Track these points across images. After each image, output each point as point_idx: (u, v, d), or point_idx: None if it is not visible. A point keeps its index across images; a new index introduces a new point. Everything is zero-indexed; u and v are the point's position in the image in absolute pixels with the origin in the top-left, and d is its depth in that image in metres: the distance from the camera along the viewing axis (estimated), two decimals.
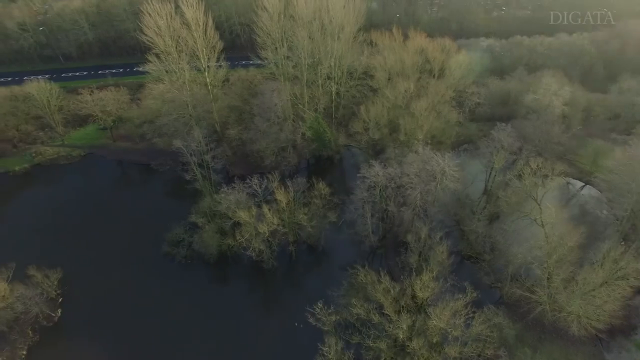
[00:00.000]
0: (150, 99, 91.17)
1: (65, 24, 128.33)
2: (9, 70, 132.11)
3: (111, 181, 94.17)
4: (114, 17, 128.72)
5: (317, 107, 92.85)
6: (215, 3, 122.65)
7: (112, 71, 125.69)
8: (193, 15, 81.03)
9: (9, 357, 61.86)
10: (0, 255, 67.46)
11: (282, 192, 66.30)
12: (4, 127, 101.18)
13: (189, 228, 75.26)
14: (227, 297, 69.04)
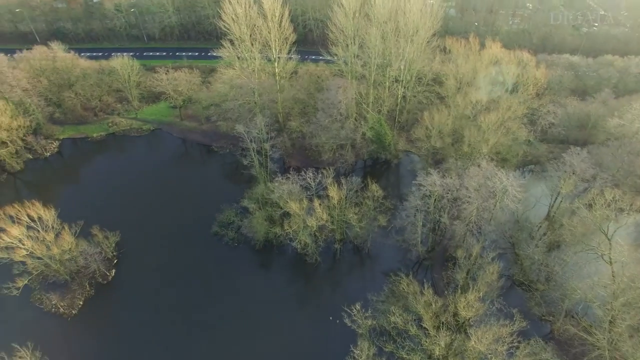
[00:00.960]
0: (219, 83, 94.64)
1: (153, 7, 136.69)
2: (101, 46, 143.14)
3: (174, 157, 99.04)
4: (197, 3, 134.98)
5: (381, 108, 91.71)
6: None
7: (188, 54, 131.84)
8: (270, 6, 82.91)
9: (69, 303, 67.37)
10: (71, 213, 72.85)
11: (335, 189, 66.17)
12: (89, 96, 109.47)
13: (239, 212, 77.50)
14: (266, 283, 70.30)
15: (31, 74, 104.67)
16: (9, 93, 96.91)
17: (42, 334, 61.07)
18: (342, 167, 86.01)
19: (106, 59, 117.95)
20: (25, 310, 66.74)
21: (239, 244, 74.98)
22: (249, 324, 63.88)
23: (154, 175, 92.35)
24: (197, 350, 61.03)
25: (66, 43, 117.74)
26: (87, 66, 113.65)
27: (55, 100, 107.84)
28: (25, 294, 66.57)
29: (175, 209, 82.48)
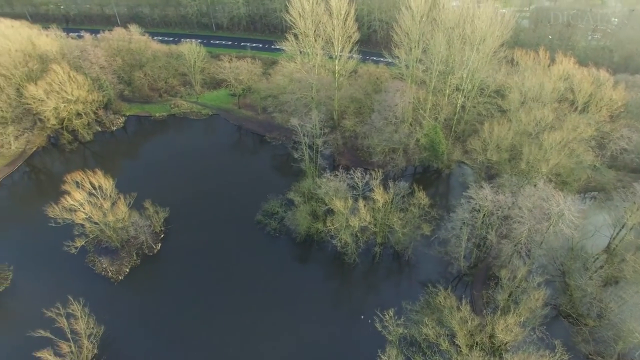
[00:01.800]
0: (279, 75, 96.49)
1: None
2: (173, 32, 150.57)
3: (228, 143, 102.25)
4: None
5: (438, 116, 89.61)
6: None
7: (253, 45, 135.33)
8: (337, 4, 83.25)
9: (117, 269, 71.76)
10: (127, 185, 77.17)
11: (381, 192, 65.54)
12: (157, 78, 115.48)
13: (284, 203, 78.76)
14: (302, 276, 71.08)
15: (109, 53, 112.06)
16: (88, 69, 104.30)
17: (91, 292, 65.40)
18: (391, 171, 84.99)
19: (176, 43, 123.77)
20: (80, 269, 71.86)
21: (280, 234, 76.24)
22: (279, 313, 64.91)
23: (207, 159, 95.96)
24: (225, 329, 62.84)
25: (142, 27, 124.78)
26: (157, 49, 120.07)
27: (127, 79, 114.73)
28: (81, 254, 71.59)
29: (224, 193, 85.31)
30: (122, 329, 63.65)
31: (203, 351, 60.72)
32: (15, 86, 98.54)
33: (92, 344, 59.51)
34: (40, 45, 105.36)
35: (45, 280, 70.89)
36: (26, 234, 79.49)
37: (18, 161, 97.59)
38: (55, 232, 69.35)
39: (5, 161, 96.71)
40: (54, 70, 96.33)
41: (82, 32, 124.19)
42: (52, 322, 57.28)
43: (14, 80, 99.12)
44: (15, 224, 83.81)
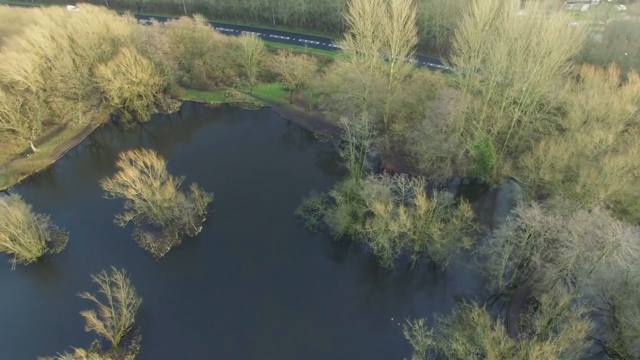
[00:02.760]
0: (333, 73, 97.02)
1: None
2: (234, 23, 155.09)
3: (276, 136, 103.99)
4: None
5: (491, 129, 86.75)
6: (424, 0, 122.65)
7: (310, 42, 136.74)
8: (399, 6, 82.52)
9: (159, 246, 75.20)
10: (177, 167, 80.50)
11: (424, 200, 64.42)
12: (215, 67, 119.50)
13: (325, 201, 79.19)
14: (335, 275, 71.17)
15: (173, 40, 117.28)
16: (153, 54, 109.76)
17: (133, 265, 68.83)
18: (437, 180, 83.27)
19: (236, 35, 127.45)
20: (126, 242, 75.95)
21: (319, 231, 76.78)
22: (308, 308, 65.44)
23: (255, 149, 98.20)
24: (252, 317, 64.14)
25: (207, 17, 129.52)
26: (218, 39, 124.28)
27: (187, 65, 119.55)
28: (128, 228, 75.57)
29: (267, 185, 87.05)
30: (158, 303, 66.64)
31: (228, 335, 62.40)
32: (88, 66, 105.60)
33: (130, 313, 62.78)
34: (113, 29, 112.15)
35: (94, 248, 75.58)
36: (82, 204, 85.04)
37: (83, 135, 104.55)
38: (108, 204, 73.62)
39: (72, 134, 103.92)
40: (122, 53, 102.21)
41: (151, 19, 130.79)
42: (97, 287, 60.90)
43: (88, 60, 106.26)
44: (74, 193, 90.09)
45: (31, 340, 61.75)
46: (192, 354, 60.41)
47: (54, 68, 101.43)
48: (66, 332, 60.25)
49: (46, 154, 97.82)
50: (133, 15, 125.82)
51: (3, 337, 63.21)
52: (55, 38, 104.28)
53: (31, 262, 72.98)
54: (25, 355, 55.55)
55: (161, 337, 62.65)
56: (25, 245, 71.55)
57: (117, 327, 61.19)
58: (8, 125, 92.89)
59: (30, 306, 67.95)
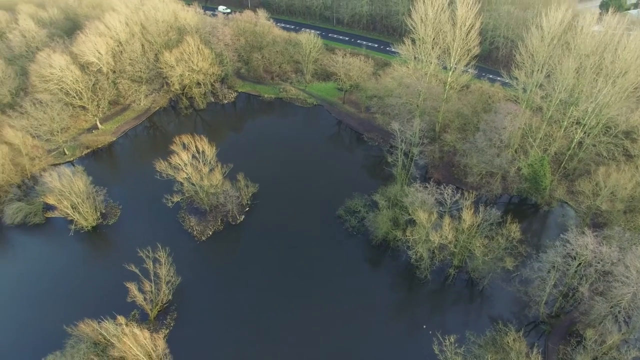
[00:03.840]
0: (389, 77, 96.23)
1: None
2: (295, 20, 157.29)
3: (326, 134, 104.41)
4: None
5: (548, 148, 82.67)
6: (489, 9, 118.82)
7: (369, 44, 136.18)
8: (464, 14, 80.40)
9: (202, 230, 78.06)
10: (226, 155, 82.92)
11: (470, 214, 62.61)
12: (272, 61, 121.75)
13: (368, 204, 78.76)
14: (369, 279, 70.69)
15: (235, 32, 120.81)
16: (215, 45, 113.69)
17: (176, 245, 71.89)
18: (484, 195, 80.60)
19: (296, 32, 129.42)
20: (171, 222, 79.44)
21: (358, 233, 76.59)
22: (338, 308, 65.48)
23: (303, 145, 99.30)
24: (282, 310, 65.13)
25: (269, 12, 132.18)
26: (278, 35, 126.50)
27: (245, 58, 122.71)
28: (175, 209, 79.06)
29: (312, 182, 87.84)
30: (195, 284, 69.24)
31: (255, 324, 63.77)
32: (154, 52, 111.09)
33: (168, 290, 65.67)
34: (181, 18, 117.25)
35: (142, 224, 79.65)
36: (136, 181, 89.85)
37: (143, 116, 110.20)
38: (159, 184, 77.23)
39: (134, 115, 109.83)
40: (187, 42, 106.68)
41: (217, 11, 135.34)
42: (141, 262, 64.16)
43: (155, 47, 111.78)
44: (129, 170, 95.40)
45: (79, 301, 66.22)
46: (220, 337, 62.34)
47: (124, 52, 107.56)
48: (110, 298, 63.91)
49: (109, 132, 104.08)
50: (200, 7, 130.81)
51: (54, 295, 68.22)
52: (128, 24, 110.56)
53: (86, 230, 78.13)
54: (72, 314, 59.44)
55: (194, 317, 65.05)
56: (83, 214, 76.68)
57: (155, 301, 64.19)
58: (80, 102, 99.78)
59: (81, 270, 72.90)
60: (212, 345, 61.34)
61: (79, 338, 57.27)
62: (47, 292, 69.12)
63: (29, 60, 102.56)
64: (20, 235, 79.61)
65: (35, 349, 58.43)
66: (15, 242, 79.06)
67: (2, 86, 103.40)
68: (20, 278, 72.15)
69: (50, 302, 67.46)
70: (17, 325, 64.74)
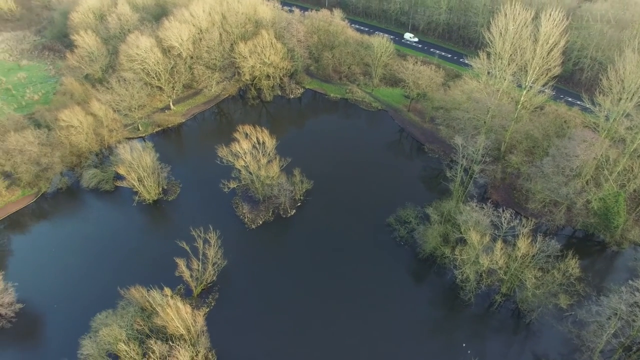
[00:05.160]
0: (458, 90, 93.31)
1: (429, 1, 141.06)
2: (370, 23, 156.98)
3: (386, 140, 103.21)
4: (471, 8, 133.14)
5: (626, 184, 76.17)
6: (578, 27, 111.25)
7: (442, 53, 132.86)
8: (548, 31, 76.01)
9: (253, 218, 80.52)
10: (285, 149, 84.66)
11: (526, 242, 59.31)
12: (342, 61, 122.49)
13: (420, 216, 77.11)
14: (411, 293, 69.15)
15: (309, 29, 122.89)
16: (288, 40, 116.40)
17: (227, 229, 74.65)
18: (545, 224, 75.94)
19: (369, 34, 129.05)
20: (225, 206, 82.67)
21: (405, 244, 75.23)
22: (375, 315, 64.69)
23: (362, 149, 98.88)
24: (318, 309, 65.41)
25: (345, 13, 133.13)
26: (351, 36, 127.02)
27: (316, 56, 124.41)
28: (230, 195, 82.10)
29: (366, 186, 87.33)
30: (239, 269, 71.54)
31: (291, 317, 64.71)
32: (231, 42, 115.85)
33: (213, 271, 68.45)
34: (259, 12, 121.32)
35: (198, 205, 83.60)
36: (197, 163, 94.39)
37: (212, 102, 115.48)
38: (218, 169, 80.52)
39: (204, 100, 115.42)
40: (261, 35, 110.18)
41: (294, 8, 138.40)
42: (192, 240, 67.39)
43: (231, 37, 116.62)
44: (193, 152, 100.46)
45: (132, 267, 71.10)
46: (255, 323, 63.94)
47: (203, 39, 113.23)
48: (160, 270, 67.70)
49: (179, 113, 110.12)
50: (278, 1, 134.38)
51: (112, 258, 73.71)
52: (211, 13, 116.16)
53: (148, 203, 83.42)
54: (125, 278, 63.88)
55: (233, 300, 67.34)
56: (146, 188, 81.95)
57: (200, 280, 67.18)
58: (158, 82, 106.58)
59: (138, 239, 78.08)
60: (246, 329, 63.23)
61: (129, 301, 61.32)
62: (106, 253, 74.84)
63: (121, 41, 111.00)
64: (92, 199, 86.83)
65: (91, 304, 63.40)
66: (87, 205, 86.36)
67: (96, 63, 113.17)
68: (86, 237, 78.65)
69: (107, 263, 73.00)
70: (77, 279, 70.72)
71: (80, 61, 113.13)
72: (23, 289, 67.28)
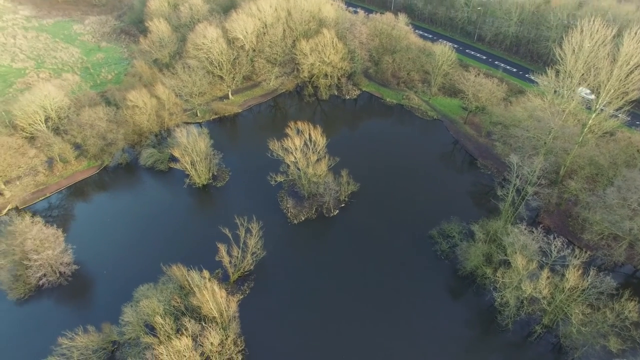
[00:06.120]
0: (520, 107, 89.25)
1: (499, 12, 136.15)
2: (434, 30, 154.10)
3: (438, 151, 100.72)
4: (544, 22, 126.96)
5: None
6: None
7: (506, 67, 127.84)
8: (630, 51, 70.43)
9: (296, 214, 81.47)
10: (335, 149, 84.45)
11: (576, 274, 55.86)
12: (402, 67, 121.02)
13: (464, 232, 74.75)
14: (445, 309, 66.99)
15: (371, 32, 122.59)
16: (350, 41, 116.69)
17: (269, 221, 76.17)
18: (601, 259, 70.93)
19: (432, 42, 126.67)
20: (269, 199, 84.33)
21: (445, 259, 73.23)
22: (406, 328, 63.45)
23: (413, 157, 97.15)
24: (352, 311, 65.01)
25: (410, 18, 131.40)
26: (413, 42, 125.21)
27: (376, 59, 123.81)
28: (276, 188, 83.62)
29: (411, 195, 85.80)
30: (276, 262, 72.70)
31: (322, 318, 64.68)
32: (293, 38, 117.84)
33: (252, 260, 70.09)
34: (324, 11, 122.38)
35: (244, 194, 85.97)
36: (248, 153, 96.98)
37: (268, 96, 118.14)
38: (267, 161, 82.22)
39: (261, 92, 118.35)
40: (323, 34, 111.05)
41: (359, 9, 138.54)
42: (235, 228, 69.37)
43: (294, 34, 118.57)
44: (245, 142, 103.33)
45: (176, 246, 74.39)
46: (285, 317, 64.71)
47: (267, 34, 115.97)
48: (201, 252, 70.30)
49: (236, 103, 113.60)
50: (343, 2, 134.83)
51: (158, 234, 77.61)
52: (277, 9, 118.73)
53: (197, 187, 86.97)
54: (168, 255, 67.04)
55: (267, 291, 68.58)
56: (198, 172, 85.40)
57: (238, 267, 69.01)
58: (220, 72, 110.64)
59: (184, 219, 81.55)
60: (276, 321, 64.19)
61: (169, 278, 64.23)
62: (153, 229, 78.91)
63: (190, 30, 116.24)
64: (146, 177, 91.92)
65: (134, 275, 67.17)
66: (142, 181, 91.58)
67: (165, 48, 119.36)
68: (137, 212, 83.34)
69: (153, 238, 76.96)
70: (125, 250, 75.03)
71: (151, 46, 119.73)
72: (79, 252, 72.48)
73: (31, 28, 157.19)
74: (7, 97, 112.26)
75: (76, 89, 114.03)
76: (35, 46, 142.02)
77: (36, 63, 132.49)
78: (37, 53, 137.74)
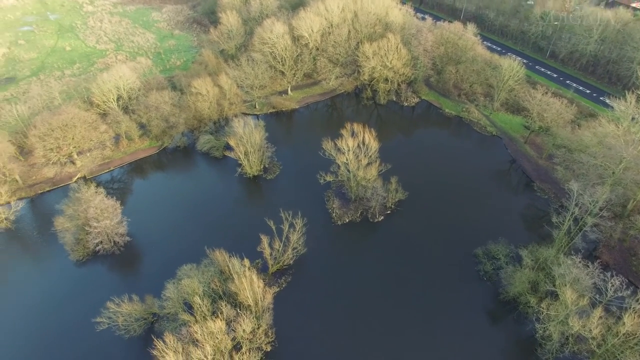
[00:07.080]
0: (589, 132, 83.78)
1: (577, 28, 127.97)
2: (504, 43, 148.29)
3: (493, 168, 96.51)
4: (630, 40, 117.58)
5: None
6: None
7: (579, 87, 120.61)
8: None
9: (340, 215, 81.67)
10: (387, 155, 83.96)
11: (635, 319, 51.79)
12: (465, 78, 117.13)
13: (511, 255, 71.60)
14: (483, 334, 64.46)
15: (437, 40, 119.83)
16: (414, 47, 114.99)
17: (313, 218, 77.05)
18: None
19: (500, 55, 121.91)
20: (315, 197, 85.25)
21: (488, 281, 70.50)
22: (438, 349, 61.72)
23: (466, 171, 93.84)
24: (385, 320, 64.27)
25: (480, 28, 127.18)
26: (480, 53, 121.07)
27: (439, 68, 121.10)
28: (324, 187, 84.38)
29: (460, 211, 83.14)
30: (315, 259, 73.34)
31: (354, 321, 64.47)
32: (357, 40, 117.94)
33: (292, 255, 71.23)
34: (390, 15, 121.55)
35: (292, 189, 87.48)
36: (301, 150, 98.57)
37: (327, 95, 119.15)
38: (318, 160, 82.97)
39: (320, 91, 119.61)
40: (388, 38, 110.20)
41: (427, 16, 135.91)
42: (280, 221, 70.72)
43: (359, 36, 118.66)
44: (299, 138, 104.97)
45: (221, 232, 77.40)
46: (317, 314, 65.19)
47: (332, 34, 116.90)
48: (244, 241, 72.28)
49: (295, 99, 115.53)
50: (412, 7, 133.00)
51: (205, 218, 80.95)
52: (344, 9, 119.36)
53: (248, 177, 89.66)
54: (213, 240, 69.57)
55: (304, 287, 69.42)
56: (250, 163, 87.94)
57: (278, 260, 70.37)
58: (282, 67, 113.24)
59: (232, 207, 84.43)
60: (308, 317, 64.86)
61: (211, 261, 66.70)
62: (202, 212, 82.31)
63: (258, 24, 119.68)
64: (201, 161, 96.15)
65: (179, 254, 70.53)
66: (197, 165, 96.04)
67: (232, 40, 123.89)
68: (189, 194, 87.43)
69: (201, 221, 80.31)
70: (173, 228, 78.96)
71: (219, 37, 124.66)
72: (133, 225, 77.06)
73: (116, 13, 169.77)
74: (88, 75, 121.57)
75: (147, 72, 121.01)
76: (117, 30, 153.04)
77: (116, 45, 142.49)
78: (118, 37, 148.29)
